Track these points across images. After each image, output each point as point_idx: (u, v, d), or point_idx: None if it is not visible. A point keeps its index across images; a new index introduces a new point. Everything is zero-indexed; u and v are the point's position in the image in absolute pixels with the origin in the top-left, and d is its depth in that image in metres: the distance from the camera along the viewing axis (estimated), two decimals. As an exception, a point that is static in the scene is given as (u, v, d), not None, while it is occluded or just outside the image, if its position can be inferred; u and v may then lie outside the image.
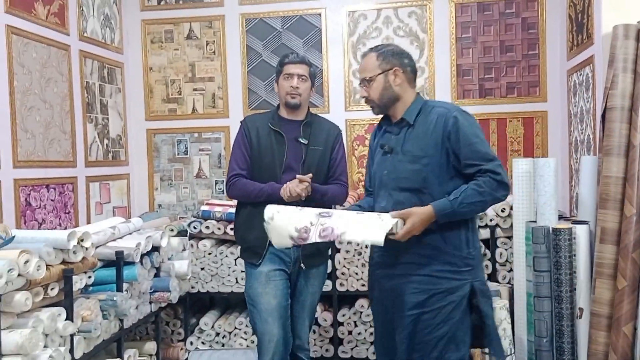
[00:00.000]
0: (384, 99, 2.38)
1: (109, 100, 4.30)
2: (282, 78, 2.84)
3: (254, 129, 2.84)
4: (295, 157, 2.82)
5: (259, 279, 2.80)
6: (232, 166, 2.86)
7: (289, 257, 2.82)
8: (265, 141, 2.82)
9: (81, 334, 2.69)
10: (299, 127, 2.85)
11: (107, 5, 4.33)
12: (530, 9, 4.29)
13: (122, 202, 4.44)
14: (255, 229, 2.73)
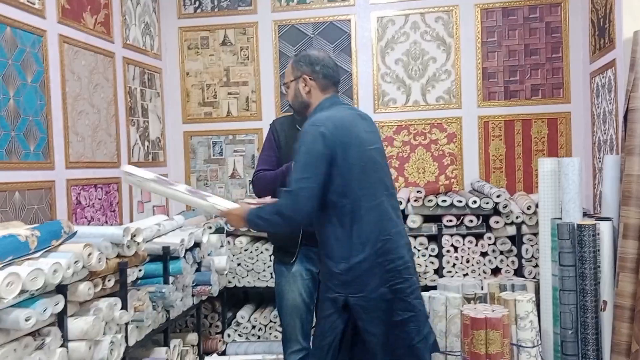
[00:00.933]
0: (295, 104, 2.59)
1: (149, 104, 4.52)
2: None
3: (282, 130, 2.97)
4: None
5: (287, 277, 2.93)
6: (258, 166, 2.99)
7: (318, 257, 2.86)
8: (292, 142, 2.89)
9: (134, 323, 2.89)
10: None
11: (147, 14, 4.55)
12: (554, 14, 4.42)
13: (161, 201, 4.65)
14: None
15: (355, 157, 2.32)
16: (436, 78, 4.54)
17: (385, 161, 2.53)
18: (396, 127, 4.58)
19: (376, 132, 2.54)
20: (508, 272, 3.90)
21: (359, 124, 2.42)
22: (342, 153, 2.30)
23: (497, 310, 3.14)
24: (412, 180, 4.57)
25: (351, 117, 2.44)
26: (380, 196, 2.35)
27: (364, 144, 2.36)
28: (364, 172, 2.33)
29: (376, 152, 2.43)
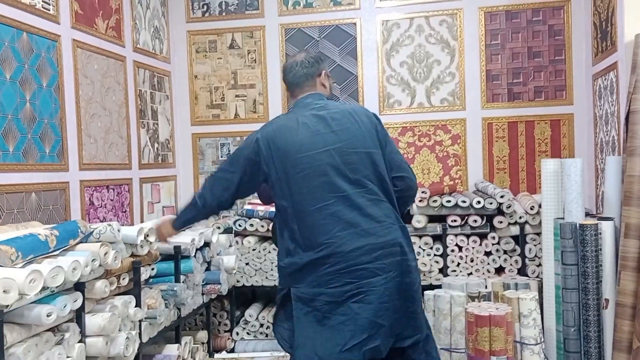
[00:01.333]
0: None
1: (158, 106, 4.60)
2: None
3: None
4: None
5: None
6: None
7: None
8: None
9: (147, 320, 2.97)
10: None
11: (156, 18, 4.64)
12: (557, 17, 4.49)
13: (170, 201, 4.73)
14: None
15: (292, 162, 2.32)
16: (440, 80, 4.62)
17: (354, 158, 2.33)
18: (401, 128, 4.66)
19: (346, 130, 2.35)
20: (512, 271, 3.97)
21: (306, 128, 2.35)
22: (279, 158, 2.34)
23: (500, 308, 3.20)
24: (418, 181, 4.61)
25: (297, 121, 2.38)
26: (326, 199, 2.28)
27: (304, 148, 2.32)
28: (304, 176, 2.31)
29: (326, 154, 2.31)
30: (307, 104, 2.44)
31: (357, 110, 2.45)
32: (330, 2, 4.74)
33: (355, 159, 2.33)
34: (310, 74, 2.47)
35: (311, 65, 2.48)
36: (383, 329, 2.29)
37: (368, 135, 2.37)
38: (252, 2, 4.83)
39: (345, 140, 2.34)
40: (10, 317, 2.14)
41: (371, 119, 2.43)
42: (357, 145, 2.34)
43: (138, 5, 4.35)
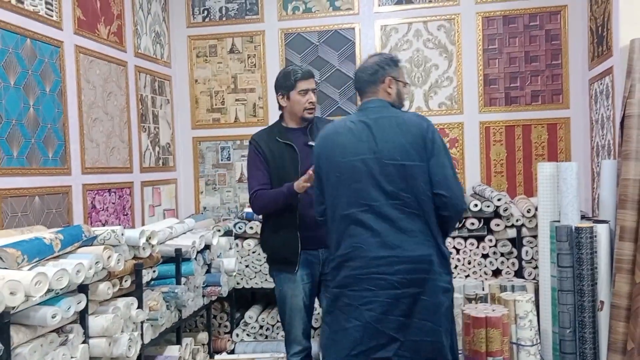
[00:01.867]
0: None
1: (159, 111, 4.65)
2: (296, 94, 2.96)
3: (266, 145, 2.99)
4: (309, 161, 2.86)
5: (288, 284, 3.02)
6: (251, 185, 3.00)
7: (317, 259, 3.01)
8: (278, 155, 2.97)
9: (149, 321, 3.02)
10: (305, 133, 3.03)
11: (157, 24, 4.69)
12: (554, 22, 4.54)
13: (171, 204, 4.78)
14: (285, 240, 2.95)
15: (333, 166, 2.40)
16: (438, 84, 4.67)
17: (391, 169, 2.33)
18: (400, 132, 4.70)
19: (388, 140, 2.35)
20: (508, 273, 4.02)
21: (352, 134, 2.40)
22: (325, 162, 2.44)
23: (497, 310, 3.25)
24: (416, 184, 4.68)
25: (345, 126, 2.44)
26: (358, 206, 2.33)
27: (345, 153, 2.38)
28: (340, 181, 2.38)
29: (364, 162, 2.35)
30: (363, 109, 2.49)
31: (409, 120, 2.41)
32: (329, 7, 4.79)
33: (392, 170, 2.33)
34: (372, 81, 2.49)
35: (375, 72, 2.49)
36: (396, 343, 2.31)
37: (412, 147, 2.33)
38: (252, 7, 4.88)
39: (386, 150, 2.34)
40: (16, 318, 2.18)
41: (421, 130, 2.37)
42: (397, 156, 2.33)
43: (139, 10, 4.40)
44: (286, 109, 3.05)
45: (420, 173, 2.32)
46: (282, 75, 3.04)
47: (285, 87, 3.00)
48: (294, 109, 3.00)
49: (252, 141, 3.06)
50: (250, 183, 3.03)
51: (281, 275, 3.05)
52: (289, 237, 2.95)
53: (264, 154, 2.99)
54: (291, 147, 2.98)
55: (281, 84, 3.02)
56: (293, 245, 2.94)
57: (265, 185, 2.97)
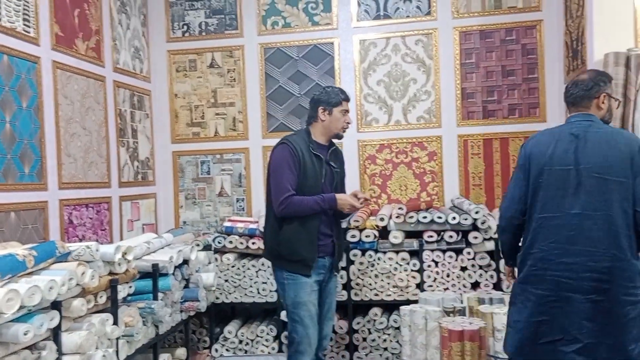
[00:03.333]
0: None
1: (138, 125, 4.65)
2: (339, 112, 3.22)
3: (300, 151, 3.13)
4: (328, 178, 3.23)
5: (305, 289, 3.12)
6: (285, 186, 3.08)
7: (325, 267, 3.20)
8: (309, 163, 3.14)
9: (125, 338, 3.00)
10: (327, 152, 3.27)
11: (136, 38, 4.70)
12: (530, 36, 4.61)
13: (150, 219, 4.76)
14: (306, 242, 3.10)
15: (537, 171, 2.52)
16: (417, 98, 4.71)
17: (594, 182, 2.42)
18: (379, 145, 4.74)
19: (595, 154, 2.43)
20: (487, 286, 4.04)
21: (560, 144, 2.50)
22: (533, 165, 2.54)
23: (474, 323, 3.27)
24: (395, 197, 4.71)
25: (554, 136, 2.55)
26: (554, 212, 2.46)
27: (551, 162, 2.49)
28: (542, 186, 2.50)
29: (568, 172, 2.45)
30: (572, 122, 2.57)
31: (618, 136, 2.49)
32: (308, 22, 4.83)
33: (595, 183, 2.42)
34: (587, 96, 2.58)
35: (589, 88, 2.58)
36: (578, 345, 2.41)
37: (618, 163, 2.41)
38: (232, 22, 4.91)
39: (592, 164, 2.43)
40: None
41: (631, 147, 2.43)
42: (602, 171, 2.42)
43: (118, 26, 4.41)
44: (323, 123, 3.23)
45: (623, 189, 2.41)
46: (327, 93, 3.23)
47: (330, 103, 3.20)
48: (333, 124, 3.22)
49: (289, 143, 3.16)
50: (283, 183, 3.09)
51: (298, 279, 3.12)
52: (310, 241, 3.11)
53: (299, 158, 3.12)
54: (320, 160, 3.19)
55: (326, 99, 3.21)
56: (312, 250, 3.11)
57: (294, 190, 3.09)
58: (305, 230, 3.10)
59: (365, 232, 4.13)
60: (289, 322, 3.20)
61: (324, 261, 3.20)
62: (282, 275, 3.17)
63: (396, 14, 4.73)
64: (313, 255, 3.11)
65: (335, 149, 3.35)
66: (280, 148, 3.18)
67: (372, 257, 4.12)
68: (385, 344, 4.12)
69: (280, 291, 3.24)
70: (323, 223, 3.17)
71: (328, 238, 3.22)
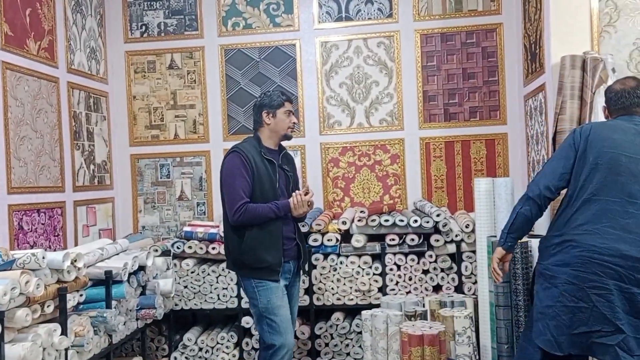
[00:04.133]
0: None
1: (94, 127, 4.52)
2: (282, 113, 3.19)
3: (252, 158, 3.09)
4: (283, 183, 3.21)
5: (276, 293, 3.08)
6: (238, 194, 3.03)
7: (290, 270, 3.19)
8: (262, 169, 3.10)
9: (74, 348, 2.89)
10: (279, 156, 3.25)
11: (92, 39, 4.57)
12: (490, 39, 4.62)
13: (108, 224, 4.64)
14: (271, 248, 3.07)
15: (596, 152, 2.52)
16: (379, 101, 4.69)
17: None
18: (341, 148, 4.70)
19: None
20: (449, 289, 4.03)
21: (623, 132, 2.55)
22: (590, 145, 2.54)
23: (434, 327, 3.24)
24: (358, 200, 4.68)
25: (616, 126, 2.60)
26: (609, 195, 2.47)
27: (615, 146, 2.51)
28: (599, 167, 2.51)
29: (626, 158, 2.49)
30: (629, 120, 2.62)
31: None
32: (269, 23, 4.77)
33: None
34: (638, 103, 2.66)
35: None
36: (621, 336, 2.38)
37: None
38: (192, 23, 4.82)
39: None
40: None
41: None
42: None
43: (73, 26, 4.28)
44: (269, 127, 3.20)
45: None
46: (269, 96, 3.22)
47: (273, 106, 3.18)
48: (279, 126, 3.19)
49: (240, 151, 3.11)
50: (236, 192, 3.04)
51: (265, 285, 3.07)
52: (274, 247, 3.08)
53: (252, 166, 3.07)
54: (273, 165, 3.16)
55: (268, 103, 3.19)
56: (277, 255, 3.08)
57: (248, 197, 3.05)
58: (269, 236, 3.07)
59: (328, 235, 4.08)
60: (264, 330, 3.09)
61: (289, 265, 3.19)
62: (251, 284, 3.11)
63: (358, 16, 4.70)
64: (279, 260, 3.09)
65: (286, 152, 3.35)
66: (231, 156, 3.13)
67: (334, 261, 4.07)
68: (348, 349, 4.08)
69: (251, 300, 3.15)
70: (286, 226, 3.16)
71: (292, 241, 3.22)
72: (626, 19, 3.68)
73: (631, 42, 3.68)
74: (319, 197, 4.69)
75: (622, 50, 3.67)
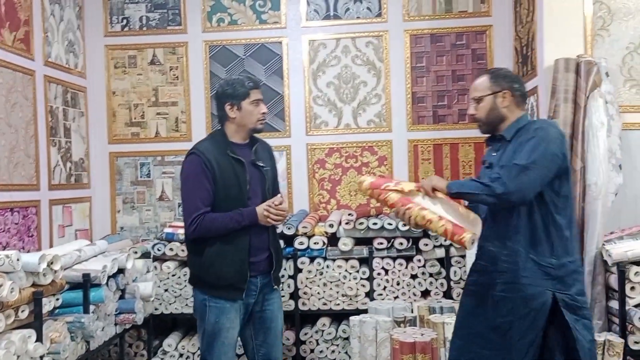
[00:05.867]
0: (490, 118, 2.53)
1: (72, 124, 4.35)
2: (249, 104, 2.74)
3: (214, 159, 2.69)
4: (256, 181, 2.78)
5: (228, 314, 2.71)
6: (194, 204, 2.67)
7: (256, 287, 2.78)
8: (227, 172, 2.70)
9: (50, 355, 2.73)
10: (250, 151, 2.82)
11: (71, 31, 4.40)
12: (479, 41, 4.56)
13: (84, 225, 4.46)
14: (235, 263, 2.68)
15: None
16: (367, 101, 4.59)
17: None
18: (328, 149, 4.59)
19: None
20: (437, 294, 3.94)
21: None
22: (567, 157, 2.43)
23: (426, 334, 3.16)
24: (344, 202, 4.57)
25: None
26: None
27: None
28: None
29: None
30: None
31: None
32: (256, 20, 4.64)
33: None
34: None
35: None
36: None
37: None
38: (175, 18, 4.67)
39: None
40: None
41: None
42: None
43: (50, 17, 4.11)
44: (235, 121, 2.77)
45: None
46: (230, 85, 2.76)
47: (236, 97, 2.74)
48: (246, 119, 2.76)
49: (199, 153, 2.70)
50: (193, 202, 2.68)
51: (219, 304, 2.71)
52: (239, 261, 2.69)
53: (213, 169, 2.67)
54: (241, 164, 2.74)
55: (230, 93, 2.74)
56: (243, 271, 2.69)
57: (208, 207, 2.67)
58: (234, 248, 2.68)
59: (314, 238, 3.97)
60: (204, 348, 2.76)
61: (256, 281, 2.76)
62: (204, 297, 2.74)
63: (346, 14, 4.60)
64: (244, 277, 2.69)
65: (260, 144, 2.90)
66: (188, 160, 2.73)
67: (320, 265, 3.96)
68: (334, 355, 3.96)
69: (199, 314, 2.78)
70: (255, 235, 2.73)
71: (263, 252, 2.79)
72: (619, 22, 3.65)
73: (624, 46, 3.65)
74: (304, 199, 4.58)
75: (615, 54, 3.64)
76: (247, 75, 2.87)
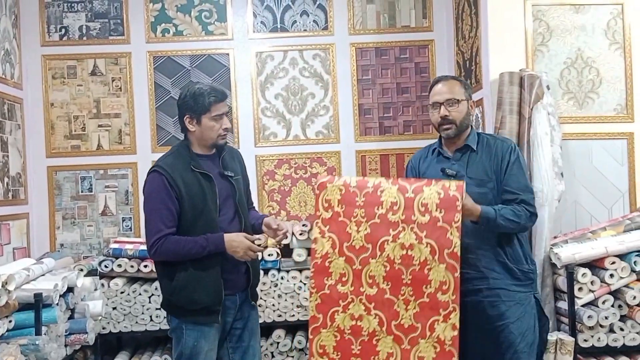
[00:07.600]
0: (463, 123, 2.61)
1: (8, 137, 4.13)
2: (209, 119, 2.61)
3: (180, 177, 2.57)
4: (226, 193, 2.68)
5: (207, 337, 2.60)
6: (157, 226, 2.53)
7: (234, 304, 2.70)
8: (194, 188, 2.59)
9: (4, 381, 2.58)
10: (217, 161, 2.72)
11: (7, 41, 4.18)
12: (422, 55, 4.70)
13: (22, 242, 4.23)
14: (209, 284, 2.57)
15: None
16: (315, 113, 4.63)
17: None
18: (277, 160, 4.58)
19: None
20: (391, 302, 4.00)
21: None
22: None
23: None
24: (294, 213, 4.57)
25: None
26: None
27: None
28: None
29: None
30: None
31: None
32: (202, 31, 4.59)
33: None
34: None
35: None
36: None
37: None
38: (117, 28, 4.54)
39: None
40: None
41: None
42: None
43: (-14, 24, 3.90)
44: (194, 134, 2.65)
45: None
46: (192, 96, 2.60)
47: (195, 111, 2.60)
48: (205, 135, 2.63)
49: (162, 170, 2.56)
50: (154, 223, 2.55)
51: (196, 328, 2.59)
52: (213, 282, 2.56)
53: (177, 188, 2.54)
54: (208, 178, 2.62)
55: (190, 106, 2.60)
56: (217, 292, 2.57)
57: (172, 229, 2.55)
58: (208, 268, 2.55)
59: (268, 250, 3.94)
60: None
61: (234, 298, 2.67)
62: (180, 321, 2.62)
63: (293, 27, 4.63)
64: (219, 298, 2.58)
65: (228, 152, 2.79)
66: (150, 178, 2.59)
67: (275, 276, 3.94)
68: (289, 367, 3.94)
69: (175, 337, 2.65)
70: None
71: (241, 268, 2.69)
72: (557, 39, 3.87)
73: (562, 61, 3.87)
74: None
75: (554, 68, 3.85)
76: (212, 86, 2.71)
